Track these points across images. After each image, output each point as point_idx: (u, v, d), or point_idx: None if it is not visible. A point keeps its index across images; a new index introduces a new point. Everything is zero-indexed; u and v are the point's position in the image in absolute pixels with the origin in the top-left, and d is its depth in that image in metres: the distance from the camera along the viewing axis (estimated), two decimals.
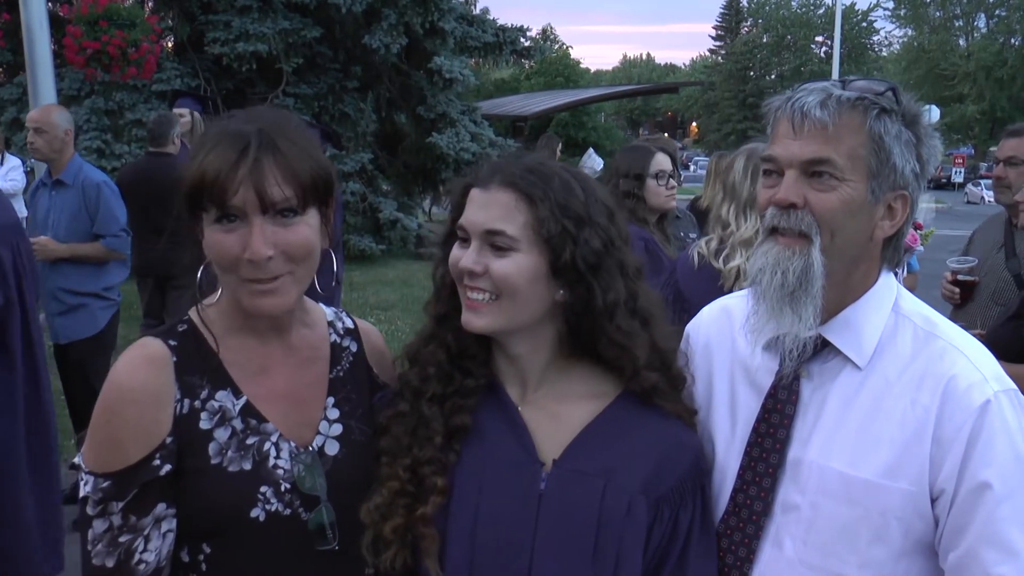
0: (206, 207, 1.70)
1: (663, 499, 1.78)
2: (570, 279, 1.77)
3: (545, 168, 1.81)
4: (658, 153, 4.74)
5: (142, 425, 1.71)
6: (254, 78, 16.60)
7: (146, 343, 1.80)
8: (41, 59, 8.17)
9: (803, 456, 1.81)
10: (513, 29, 19.54)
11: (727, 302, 2.14)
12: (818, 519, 1.78)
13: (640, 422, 1.83)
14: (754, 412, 1.89)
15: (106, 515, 1.70)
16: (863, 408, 1.78)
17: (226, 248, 1.71)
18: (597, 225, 1.78)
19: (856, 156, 1.72)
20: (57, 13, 13.87)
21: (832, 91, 1.74)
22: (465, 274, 1.78)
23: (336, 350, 1.98)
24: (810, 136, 1.73)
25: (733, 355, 2.00)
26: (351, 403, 1.93)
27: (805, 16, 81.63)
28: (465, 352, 1.86)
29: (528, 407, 1.84)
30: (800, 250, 1.75)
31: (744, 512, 1.86)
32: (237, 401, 1.80)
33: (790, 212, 1.75)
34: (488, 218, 1.77)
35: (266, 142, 1.71)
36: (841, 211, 1.73)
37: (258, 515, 1.75)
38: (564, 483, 1.76)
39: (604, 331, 1.79)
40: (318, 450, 1.85)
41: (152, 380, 1.74)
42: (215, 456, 1.75)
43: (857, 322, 1.82)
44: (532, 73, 60.47)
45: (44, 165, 6.30)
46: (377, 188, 18.01)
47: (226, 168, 1.68)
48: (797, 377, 1.85)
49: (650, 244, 4.55)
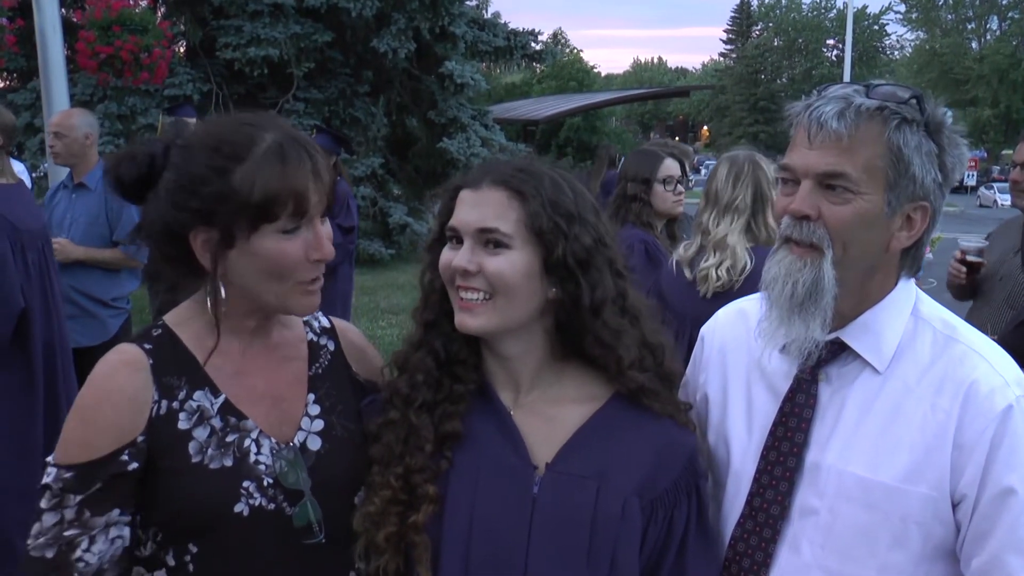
0: (276, 217, 1.73)
1: (657, 500, 1.77)
2: (562, 276, 1.77)
3: (535, 167, 1.82)
4: (667, 159, 4.73)
5: (116, 425, 1.73)
6: (265, 83, 16.65)
7: (122, 348, 1.82)
8: (54, 64, 8.20)
9: (821, 460, 1.80)
10: (524, 33, 19.55)
11: (743, 304, 2.13)
12: (836, 523, 1.77)
13: (633, 423, 1.83)
14: (771, 415, 1.88)
15: (60, 508, 1.70)
16: (882, 412, 1.77)
17: (290, 253, 1.76)
18: (587, 222, 1.79)
19: (873, 168, 1.70)
20: (70, 18, 13.92)
21: (852, 100, 1.71)
22: (459, 274, 1.77)
23: (314, 348, 1.99)
24: (825, 147, 1.71)
25: (749, 358, 1.99)
26: (331, 399, 1.94)
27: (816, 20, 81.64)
28: (455, 358, 1.86)
29: (520, 411, 1.84)
30: (812, 261, 1.74)
31: (760, 516, 1.85)
32: (216, 400, 1.81)
33: (803, 223, 1.74)
34: (481, 216, 1.77)
35: (310, 148, 1.78)
36: (855, 224, 1.72)
37: (242, 510, 1.76)
38: (558, 487, 1.76)
39: (591, 328, 1.79)
40: (300, 446, 1.86)
41: (129, 383, 1.76)
42: (195, 455, 1.76)
43: (876, 326, 1.81)
44: (543, 77, 60.48)
45: (61, 170, 6.30)
46: (387, 193, 18.03)
47: (305, 178, 1.74)
48: (815, 380, 1.84)
49: (651, 247, 4.56)
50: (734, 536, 1.88)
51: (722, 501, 1.96)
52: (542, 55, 20.67)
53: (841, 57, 59.64)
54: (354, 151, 15.98)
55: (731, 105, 77.86)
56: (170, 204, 1.75)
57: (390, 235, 17.32)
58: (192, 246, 1.77)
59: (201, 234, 1.76)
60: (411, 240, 17.31)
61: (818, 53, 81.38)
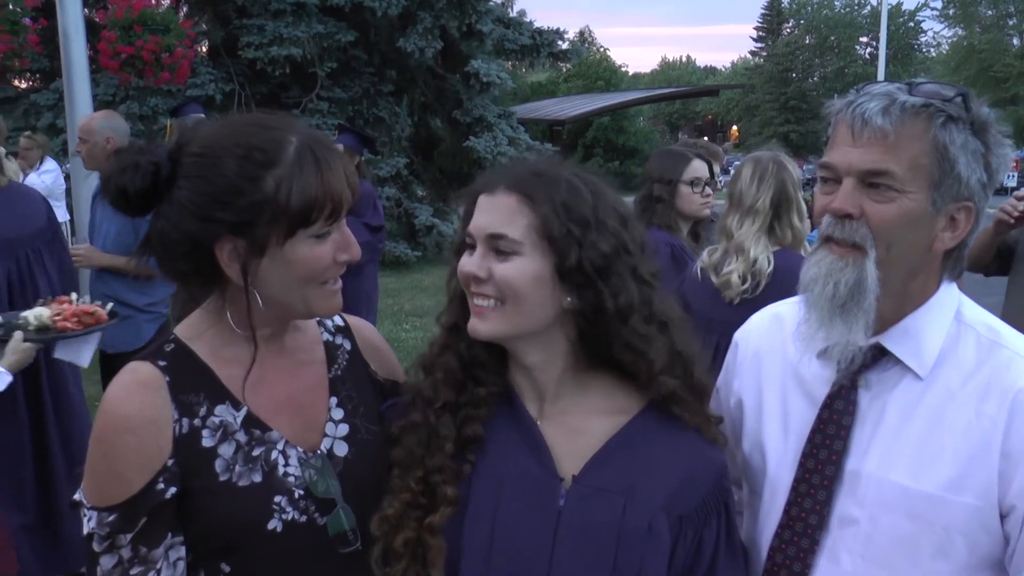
0: (312, 222, 1.72)
1: (686, 517, 1.75)
2: (578, 283, 1.74)
3: (553, 171, 1.79)
4: (695, 159, 4.69)
5: (142, 452, 1.68)
6: (288, 82, 16.73)
7: (135, 367, 1.76)
8: (77, 64, 8.29)
9: (861, 468, 1.78)
10: (550, 32, 19.54)
11: (778, 309, 2.11)
12: (877, 533, 1.75)
13: (663, 438, 1.80)
14: (808, 422, 1.86)
15: (114, 550, 1.68)
16: (924, 419, 1.75)
17: (322, 256, 1.75)
18: (605, 228, 1.75)
19: (918, 166, 1.68)
20: (93, 18, 14.05)
21: (897, 96, 1.69)
22: (471, 280, 1.77)
23: (331, 349, 1.97)
24: (870, 144, 1.68)
25: (785, 364, 1.97)
26: (353, 401, 1.92)
27: (849, 16, 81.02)
28: (476, 360, 1.85)
29: (547, 422, 1.82)
30: (853, 261, 1.72)
31: (798, 526, 1.83)
32: (238, 413, 1.78)
33: (845, 222, 1.72)
34: (491, 222, 1.76)
35: (333, 147, 1.79)
36: (899, 223, 1.70)
37: (275, 526, 1.74)
38: (583, 500, 1.74)
39: (618, 335, 1.76)
40: (327, 452, 1.85)
41: (147, 405, 1.71)
42: (223, 473, 1.73)
43: (917, 330, 1.79)
44: (570, 76, 60.44)
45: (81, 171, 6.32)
46: (412, 193, 18.09)
47: (340, 181, 1.74)
48: (854, 386, 1.82)
49: (677, 250, 4.52)
50: (772, 546, 1.87)
51: (758, 510, 1.95)
52: (568, 54, 20.63)
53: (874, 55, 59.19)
54: (379, 151, 16.03)
55: (761, 104, 77.33)
56: (193, 216, 1.70)
57: (415, 236, 17.36)
58: (217, 257, 1.73)
59: (228, 244, 1.71)
60: (436, 242, 17.34)
61: (851, 51, 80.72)
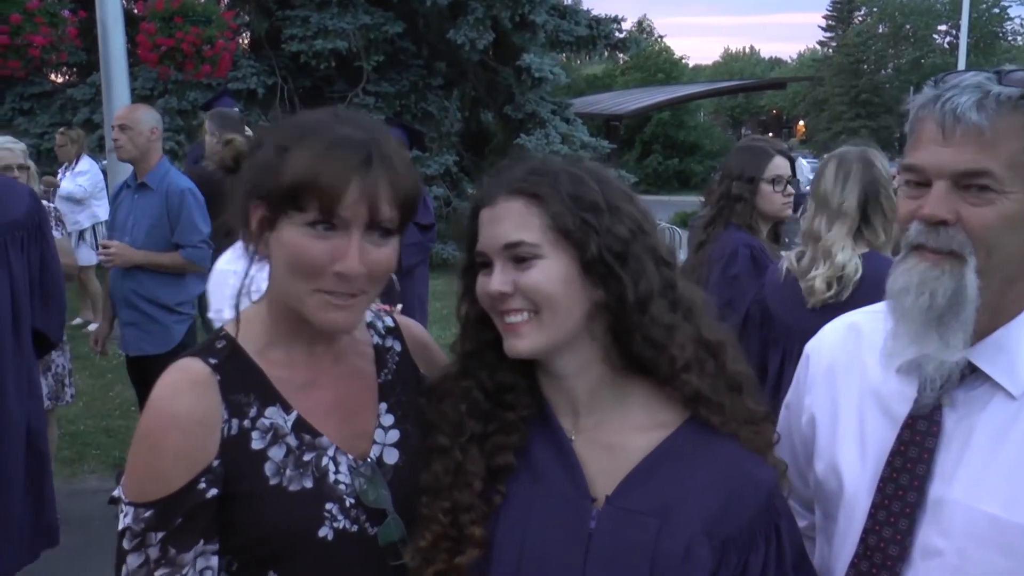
0: (303, 208, 1.69)
1: (730, 541, 1.69)
2: (603, 273, 1.71)
3: (549, 166, 1.78)
4: (777, 156, 4.59)
5: (187, 451, 1.70)
6: (333, 76, 16.88)
7: (186, 365, 1.78)
8: (115, 57, 8.41)
9: (946, 495, 1.71)
10: (607, 20, 19.49)
11: (854, 319, 2.05)
12: (967, 567, 1.68)
13: (705, 454, 1.75)
14: (888, 444, 1.80)
15: (143, 548, 1.68)
16: (1018, 443, 1.68)
17: (314, 254, 1.70)
18: (619, 210, 1.74)
19: (1017, 164, 1.61)
20: (131, 10, 14.26)
21: (989, 88, 1.63)
22: (498, 298, 1.73)
23: (380, 352, 1.97)
24: (964, 142, 1.62)
25: (862, 379, 1.91)
26: (403, 407, 1.92)
27: (926, 3, 79.97)
28: (503, 386, 1.82)
29: (581, 436, 1.79)
30: (951, 269, 1.65)
31: (877, 556, 1.77)
32: (288, 417, 1.78)
33: (940, 229, 1.65)
34: (502, 232, 1.73)
35: (384, 157, 1.71)
36: (1001, 227, 1.63)
37: (326, 534, 1.74)
38: (615, 522, 1.69)
39: (639, 327, 1.72)
40: (377, 460, 1.84)
41: (198, 404, 1.72)
42: (273, 476, 1.74)
43: (1010, 345, 1.72)
44: (627, 68, 60.35)
45: (121, 167, 6.40)
46: (462, 192, 18.10)
47: (345, 176, 1.68)
48: (939, 406, 1.76)
49: (756, 251, 4.46)
50: None
51: (832, 536, 1.89)
52: (626, 44, 20.54)
53: (954, 44, 58.39)
54: (427, 147, 16.07)
55: (830, 98, 76.54)
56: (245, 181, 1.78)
57: None
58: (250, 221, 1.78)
59: (256, 210, 1.75)
60: None
61: (928, 40, 79.58)
